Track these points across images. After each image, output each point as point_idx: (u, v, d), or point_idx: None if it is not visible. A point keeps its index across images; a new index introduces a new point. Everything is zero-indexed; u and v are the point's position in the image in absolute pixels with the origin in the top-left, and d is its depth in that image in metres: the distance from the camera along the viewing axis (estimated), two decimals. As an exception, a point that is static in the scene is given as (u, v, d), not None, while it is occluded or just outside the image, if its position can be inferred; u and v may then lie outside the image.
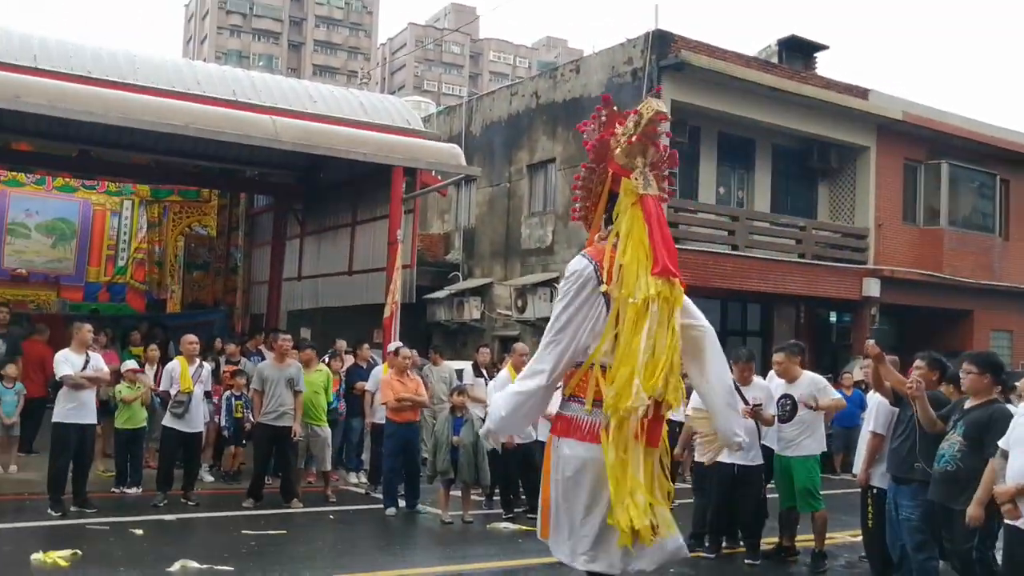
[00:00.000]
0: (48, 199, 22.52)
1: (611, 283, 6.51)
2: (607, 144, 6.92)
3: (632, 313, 6.36)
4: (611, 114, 7.00)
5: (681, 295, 6.49)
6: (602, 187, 7.03)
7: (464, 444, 10.35)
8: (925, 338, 17.67)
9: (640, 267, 6.47)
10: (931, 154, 22.25)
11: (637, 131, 6.68)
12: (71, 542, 8.08)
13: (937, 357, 7.55)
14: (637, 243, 6.57)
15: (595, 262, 6.70)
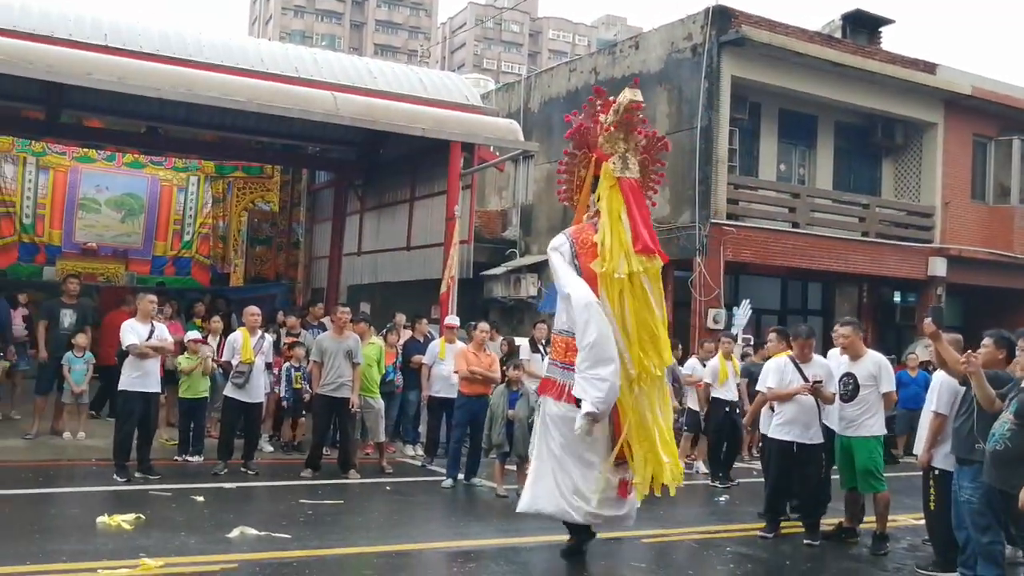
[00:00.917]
0: (118, 175, 22.99)
1: (591, 259, 7.36)
2: (590, 132, 7.75)
3: (616, 287, 7.21)
4: (605, 103, 7.77)
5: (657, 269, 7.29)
6: (586, 172, 7.81)
7: (519, 418, 10.43)
8: (992, 319, 17.27)
9: (621, 244, 7.22)
10: (1002, 130, 21.71)
11: (615, 119, 7.54)
12: (135, 506, 8.36)
13: (1005, 335, 7.38)
14: (616, 221, 7.35)
15: (571, 239, 7.68)
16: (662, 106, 18.61)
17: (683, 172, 17.83)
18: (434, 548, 7.92)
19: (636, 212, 7.34)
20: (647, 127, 7.91)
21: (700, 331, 16.97)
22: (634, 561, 7.88)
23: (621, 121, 7.57)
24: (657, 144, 7.97)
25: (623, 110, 7.52)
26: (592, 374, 7.07)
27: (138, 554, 6.74)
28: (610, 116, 7.63)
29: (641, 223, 7.31)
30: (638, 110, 7.55)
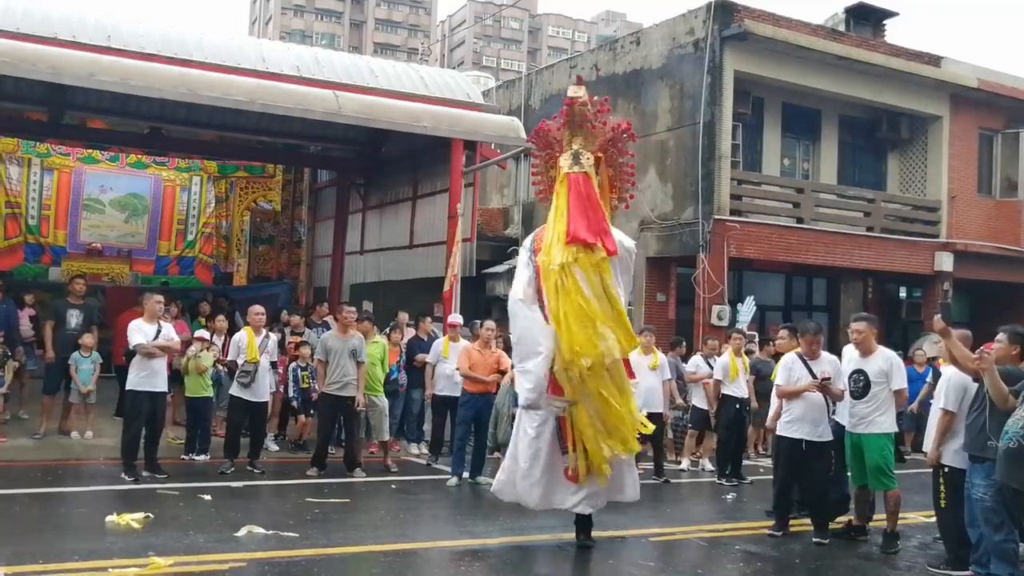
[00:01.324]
0: (121, 175, 23.06)
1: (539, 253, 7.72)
2: (551, 132, 8.12)
3: (552, 279, 7.47)
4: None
5: (604, 259, 7.43)
6: (554, 171, 8.07)
7: None
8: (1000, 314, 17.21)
9: (559, 238, 7.53)
10: (1009, 122, 21.64)
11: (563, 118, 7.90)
12: (143, 505, 8.36)
13: (1019, 331, 7.31)
14: (559, 216, 7.66)
15: (534, 237, 8.00)
16: (664, 102, 18.59)
17: (686, 168, 17.82)
18: (440, 547, 7.90)
19: (577, 205, 7.57)
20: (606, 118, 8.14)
21: (704, 328, 16.96)
22: (642, 560, 7.87)
23: (566, 118, 7.89)
24: (623, 136, 8.17)
25: (566, 109, 7.86)
26: (520, 368, 7.71)
27: (148, 553, 6.74)
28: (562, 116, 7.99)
29: (580, 215, 7.54)
30: (572, 105, 7.80)
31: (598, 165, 7.98)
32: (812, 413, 8.70)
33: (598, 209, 7.63)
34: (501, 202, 23.91)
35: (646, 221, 18.56)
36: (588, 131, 7.92)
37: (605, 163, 8.10)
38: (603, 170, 8.08)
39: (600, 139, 8.00)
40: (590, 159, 7.80)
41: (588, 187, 7.68)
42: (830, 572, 7.89)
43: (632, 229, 18.84)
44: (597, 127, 7.97)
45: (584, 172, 7.72)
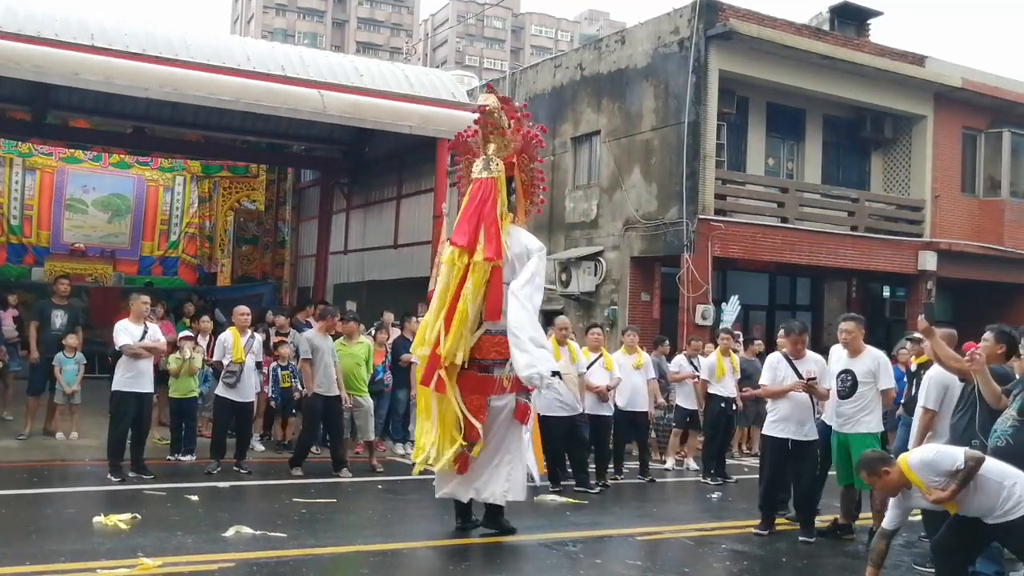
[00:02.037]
0: (104, 175, 22.98)
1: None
2: (470, 140, 8.39)
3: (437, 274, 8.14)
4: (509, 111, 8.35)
5: (478, 264, 7.74)
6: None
7: None
8: (984, 313, 17.31)
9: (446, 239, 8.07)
10: (992, 122, 21.75)
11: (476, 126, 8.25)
12: (130, 506, 8.34)
13: (1006, 330, 7.35)
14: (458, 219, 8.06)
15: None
16: (648, 101, 18.62)
17: (670, 168, 17.86)
18: (428, 546, 7.91)
19: (467, 209, 7.96)
20: (525, 124, 8.41)
21: (688, 327, 16.99)
22: (628, 559, 7.87)
23: (480, 125, 8.19)
24: (532, 143, 8.40)
25: (479, 115, 8.16)
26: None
27: (136, 553, 6.71)
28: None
29: (465, 219, 7.91)
30: (483, 113, 8.11)
31: (511, 171, 8.20)
32: (798, 413, 8.72)
33: (486, 215, 7.89)
34: (486, 201, 23.88)
35: (631, 221, 18.60)
36: (500, 138, 8.15)
37: (518, 169, 8.30)
38: (518, 176, 8.30)
39: (513, 145, 8.21)
40: (500, 165, 8.05)
41: (487, 192, 7.96)
42: (817, 571, 7.92)
43: (617, 228, 18.91)
44: (508, 133, 8.17)
45: (492, 177, 8.01)
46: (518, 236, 8.12)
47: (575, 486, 10.79)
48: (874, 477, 6.13)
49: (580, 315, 19.01)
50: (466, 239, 7.82)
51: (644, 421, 12.27)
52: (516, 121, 8.32)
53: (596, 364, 11.42)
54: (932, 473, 5.92)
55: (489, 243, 7.79)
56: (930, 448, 6.14)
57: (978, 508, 5.91)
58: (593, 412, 11.22)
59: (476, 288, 7.79)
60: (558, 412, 10.69)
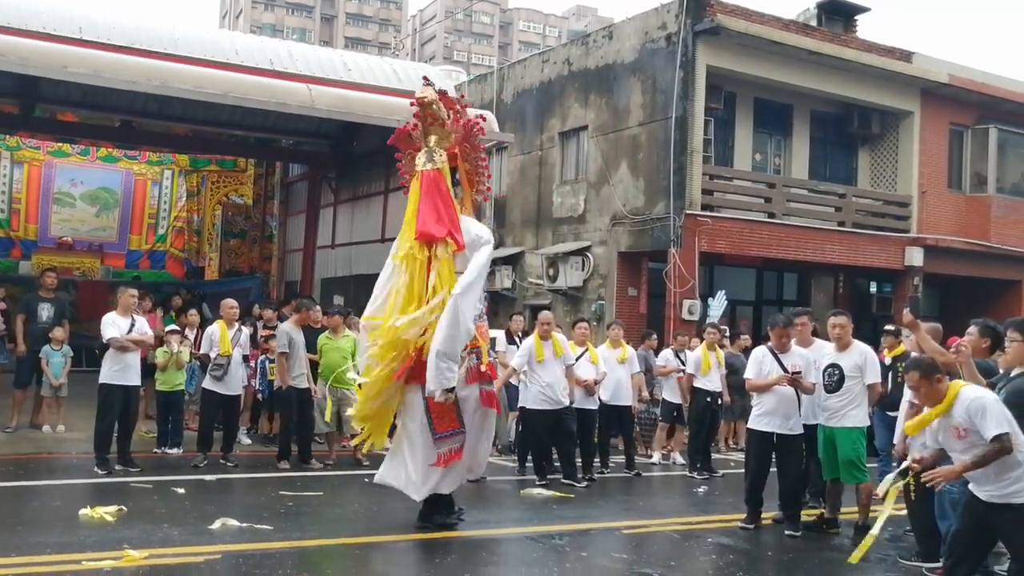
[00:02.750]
0: (92, 169, 22.92)
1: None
2: (411, 133, 8.42)
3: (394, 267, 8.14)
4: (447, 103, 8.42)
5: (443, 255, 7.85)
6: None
7: None
8: (970, 309, 17.40)
9: (404, 233, 8.09)
10: (978, 118, 21.85)
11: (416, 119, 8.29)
12: (117, 498, 8.33)
13: (990, 324, 7.38)
14: (410, 213, 8.13)
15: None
16: (636, 96, 18.65)
17: (658, 163, 17.90)
18: (414, 539, 7.92)
19: (428, 201, 8.01)
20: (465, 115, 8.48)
21: (675, 322, 17.03)
22: (615, 552, 7.90)
23: (419, 117, 8.23)
24: (474, 131, 8.45)
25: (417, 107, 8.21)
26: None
27: (122, 546, 6.72)
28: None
29: (431, 210, 7.97)
30: (421, 105, 8.14)
31: (455, 161, 8.28)
32: (783, 407, 8.74)
33: (449, 205, 8.00)
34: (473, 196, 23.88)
35: (618, 216, 18.64)
36: (440, 129, 8.20)
37: (461, 159, 8.39)
38: (461, 165, 8.39)
39: (455, 135, 8.27)
40: (443, 155, 8.12)
41: (439, 183, 8.03)
42: (802, 564, 7.96)
43: (604, 224, 18.94)
44: (448, 124, 8.23)
45: (436, 168, 8.07)
46: (469, 225, 8.21)
47: (562, 479, 10.82)
48: (925, 381, 6.04)
49: (567, 310, 19.05)
50: (443, 230, 7.88)
51: (629, 415, 12.32)
52: (455, 112, 8.38)
53: (582, 358, 11.45)
54: (972, 416, 5.81)
55: (457, 232, 7.93)
56: (990, 396, 5.97)
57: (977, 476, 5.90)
58: (579, 406, 11.26)
59: (445, 280, 7.89)
60: (543, 406, 10.72)
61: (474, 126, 8.42)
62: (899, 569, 7.73)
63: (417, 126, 8.33)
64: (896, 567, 7.79)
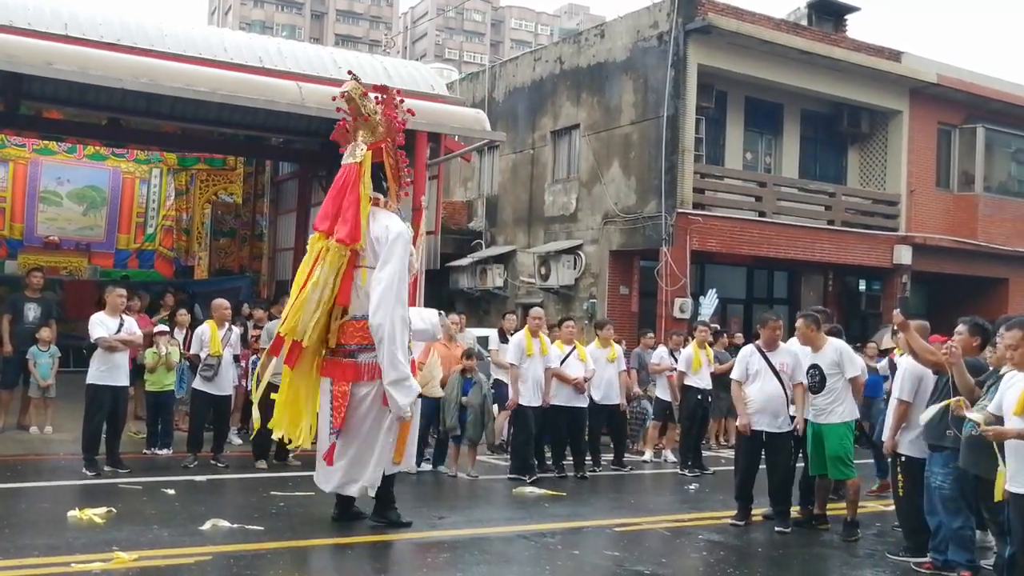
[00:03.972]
0: (79, 167, 22.75)
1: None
2: (346, 129, 8.36)
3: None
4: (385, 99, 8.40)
5: (333, 248, 7.79)
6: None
7: (472, 405, 10.90)
8: (958, 307, 17.48)
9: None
10: (967, 118, 21.95)
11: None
12: (106, 500, 8.26)
13: (979, 323, 7.42)
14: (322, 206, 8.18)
15: None
16: (628, 95, 18.65)
17: (649, 162, 17.91)
18: (406, 538, 7.89)
19: (329, 195, 8.11)
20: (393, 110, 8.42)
21: (667, 320, 17.06)
22: (606, 549, 7.90)
23: (346, 114, 8.26)
24: (393, 126, 8.41)
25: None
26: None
27: (111, 547, 6.66)
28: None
29: (327, 204, 8.04)
30: (345, 100, 8.12)
31: (380, 156, 8.26)
32: (772, 405, 8.79)
33: (347, 199, 7.94)
34: (465, 195, 23.90)
35: (610, 214, 18.63)
36: (365, 123, 8.19)
37: (386, 154, 8.35)
38: (386, 160, 8.36)
39: (380, 130, 8.25)
40: (363, 149, 8.10)
41: (348, 178, 8.03)
42: (792, 560, 7.97)
43: (596, 222, 18.94)
44: (372, 119, 8.18)
45: (356, 163, 8.07)
46: (381, 220, 8.08)
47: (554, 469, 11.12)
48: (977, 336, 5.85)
49: (559, 308, 19.04)
50: (327, 224, 7.90)
51: (619, 413, 12.36)
52: (386, 106, 8.31)
53: (571, 356, 11.46)
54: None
55: (344, 225, 7.83)
56: None
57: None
58: (569, 404, 11.28)
59: (329, 272, 7.84)
60: (533, 401, 10.84)
61: (394, 120, 8.36)
62: (887, 564, 7.74)
63: (349, 121, 8.30)
64: (884, 562, 7.80)
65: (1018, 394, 5.39)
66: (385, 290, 7.73)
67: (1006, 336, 5.64)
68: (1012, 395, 5.47)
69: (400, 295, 7.85)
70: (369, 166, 8.12)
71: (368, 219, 8.00)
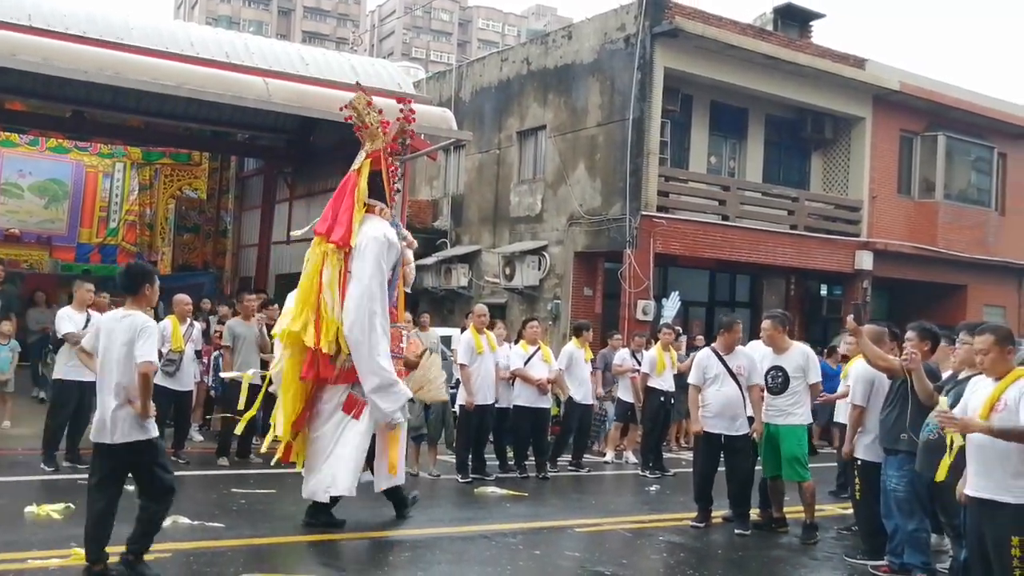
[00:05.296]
0: (41, 160, 22.52)
1: None
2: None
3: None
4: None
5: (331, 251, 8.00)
6: None
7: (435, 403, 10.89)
8: (918, 312, 17.71)
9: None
10: (928, 126, 22.21)
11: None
12: (64, 496, 8.17)
13: (928, 328, 7.52)
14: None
15: None
16: (594, 97, 18.72)
17: (614, 164, 17.98)
18: (367, 537, 7.89)
19: (339, 200, 8.28)
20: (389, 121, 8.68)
21: (630, 322, 17.13)
22: (567, 550, 7.94)
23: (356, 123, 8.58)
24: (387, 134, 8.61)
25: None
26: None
27: (69, 544, 6.59)
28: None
29: (326, 209, 8.28)
30: (348, 108, 8.53)
31: (378, 164, 8.48)
32: (730, 408, 8.85)
33: (343, 203, 8.18)
34: (431, 194, 23.87)
35: (575, 216, 18.70)
36: (367, 132, 8.50)
37: (384, 161, 8.58)
38: (384, 168, 8.57)
39: (380, 140, 8.51)
40: (363, 158, 8.38)
41: (347, 183, 8.30)
42: (752, 562, 8.04)
43: (561, 223, 19.00)
44: (372, 128, 8.48)
45: (354, 170, 8.36)
46: (366, 227, 8.20)
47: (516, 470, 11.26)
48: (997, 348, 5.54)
49: (524, 309, 19.08)
50: (325, 226, 8.10)
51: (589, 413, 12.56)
52: (406, 116, 8.70)
53: (535, 357, 11.51)
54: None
55: (339, 228, 8.05)
56: None
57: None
58: (532, 405, 11.34)
59: (334, 276, 7.99)
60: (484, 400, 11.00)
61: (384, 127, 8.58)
62: (845, 567, 7.84)
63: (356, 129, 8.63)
64: (843, 564, 7.90)
65: (983, 399, 5.49)
66: (356, 298, 7.87)
67: (977, 341, 5.72)
68: (977, 400, 5.57)
69: (373, 302, 7.90)
70: (367, 173, 8.33)
71: (359, 224, 8.15)
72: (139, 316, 6.18)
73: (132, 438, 6.07)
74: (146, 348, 6.05)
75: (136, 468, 6.20)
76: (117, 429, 6.05)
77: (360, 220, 8.14)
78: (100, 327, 6.33)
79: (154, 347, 6.16)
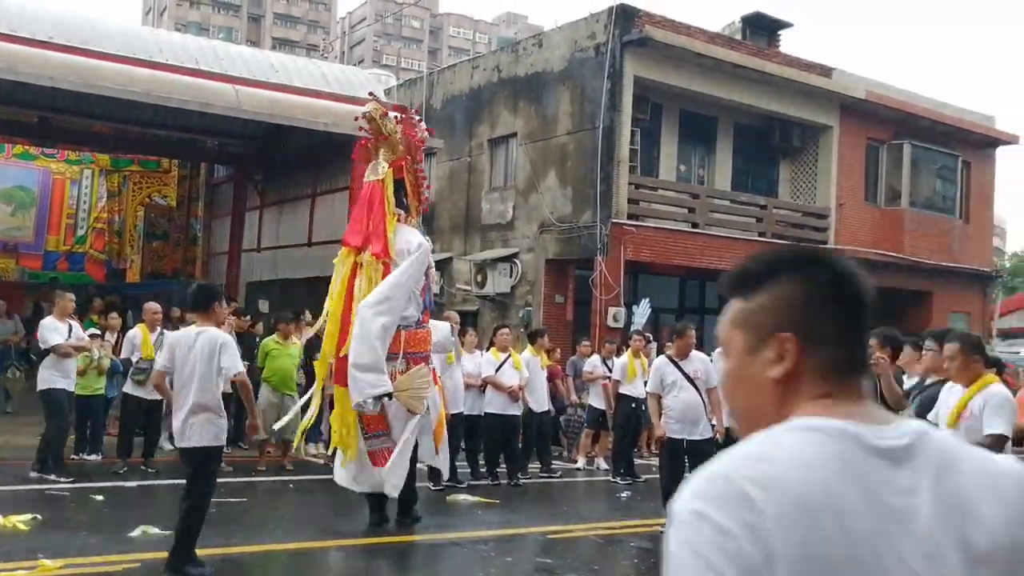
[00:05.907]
0: (7, 167, 22.29)
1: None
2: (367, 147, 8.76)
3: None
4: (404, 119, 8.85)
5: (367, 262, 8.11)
6: None
7: None
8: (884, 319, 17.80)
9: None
10: (894, 134, 22.43)
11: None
12: (31, 507, 8.12)
13: (889, 334, 7.58)
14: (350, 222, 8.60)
15: None
16: (565, 105, 18.78)
17: (585, 172, 18.04)
18: (339, 545, 7.89)
19: (355, 212, 8.51)
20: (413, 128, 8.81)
21: (601, 329, 17.19)
22: (539, 556, 7.97)
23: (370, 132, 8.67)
24: (413, 145, 8.76)
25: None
26: None
27: (36, 555, 6.54)
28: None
29: (355, 221, 8.42)
30: (368, 121, 8.57)
31: (400, 173, 8.59)
32: (690, 413, 8.94)
33: (374, 214, 8.27)
34: (401, 201, 23.82)
35: (546, 223, 18.75)
36: (385, 142, 8.55)
37: (406, 170, 8.70)
38: (407, 177, 8.71)
39: (401, 149, 8.59)
40: (385, 167, 8.44)
41: (374, 195, 8.38)
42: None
43: (532, 231, 19.04)
44: (392, 138, 8.52)
45: (378, 180, 8.41)
46: (404, 235, 8.41)
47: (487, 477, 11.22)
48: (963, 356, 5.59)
49: (495, 316, 19.09)
50: (359, 239, 8.19)
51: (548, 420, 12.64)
52: (405, 125, 8.70)
53: (506, 364, 11.54)
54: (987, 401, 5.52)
55: (377, 241, 8.15)
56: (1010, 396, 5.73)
57: None
58: (503, 412, 11.38)
59: (368, 286, 8.08)
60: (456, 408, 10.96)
61: (413, 138, 8.69)
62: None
63: (368, 141, 8.69)
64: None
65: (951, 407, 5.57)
66: (388, 285, 8.03)
67: (946, 348, 5.77)
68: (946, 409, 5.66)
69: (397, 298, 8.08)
70: (391, 183, 8.43)
71: (394, 234, 8.29)
72: (215, 332, 6.55)
73: (204, 443, 6.56)
74: (234, 360, 6.55)
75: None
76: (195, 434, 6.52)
77: (393, 230, 8.30)
78: (175, 345, 6.67)
79: (238, 358, 6.65)
